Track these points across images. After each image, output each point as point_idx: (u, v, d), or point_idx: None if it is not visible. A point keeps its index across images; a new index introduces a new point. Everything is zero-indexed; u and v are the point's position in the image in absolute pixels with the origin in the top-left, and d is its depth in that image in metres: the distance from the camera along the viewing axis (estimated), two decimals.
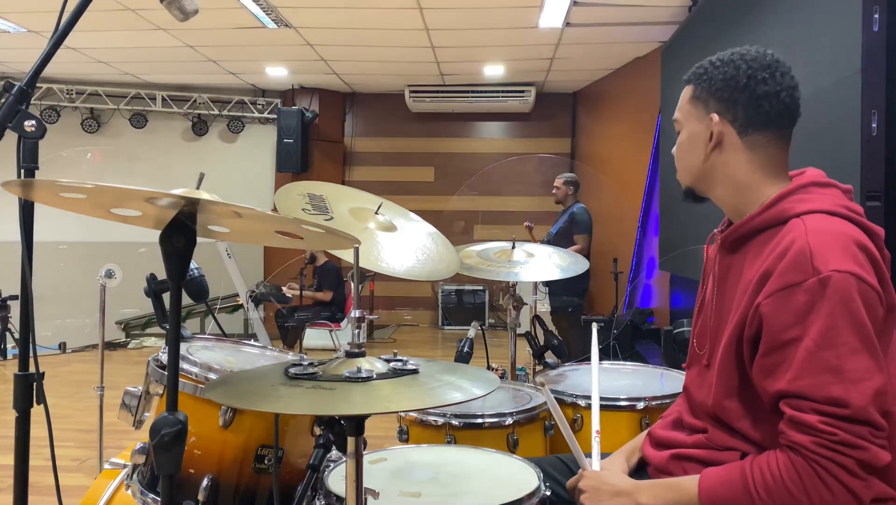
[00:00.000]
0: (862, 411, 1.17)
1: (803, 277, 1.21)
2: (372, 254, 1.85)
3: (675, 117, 1.48)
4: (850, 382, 1.18)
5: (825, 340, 1.19)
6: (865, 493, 1.19)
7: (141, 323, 8.29)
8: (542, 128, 9.21)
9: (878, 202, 2.53)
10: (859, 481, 1.18)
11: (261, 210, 1.08)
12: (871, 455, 1.18)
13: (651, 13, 5.70)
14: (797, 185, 1.35)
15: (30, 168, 1.36)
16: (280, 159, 8.47)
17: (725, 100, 1.38)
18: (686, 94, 1.45)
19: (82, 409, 4.87)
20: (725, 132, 1.39)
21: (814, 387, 1.19)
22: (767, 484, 1.23)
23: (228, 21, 6.03)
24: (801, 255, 1.22)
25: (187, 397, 1.62)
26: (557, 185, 6.11)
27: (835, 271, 1.19)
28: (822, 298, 1.19)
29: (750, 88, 1.37)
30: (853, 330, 1.19)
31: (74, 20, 1.37)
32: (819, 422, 1.18)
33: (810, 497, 1.19)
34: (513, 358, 2.68)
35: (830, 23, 2.85)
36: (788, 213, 1.31)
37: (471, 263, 2.49)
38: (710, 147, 1.40)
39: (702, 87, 1.41)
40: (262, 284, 7.28)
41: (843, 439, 1.17)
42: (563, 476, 1.59)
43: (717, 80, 1.39)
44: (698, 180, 1.46)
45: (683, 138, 1.46)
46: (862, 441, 1.18)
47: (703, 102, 1.41)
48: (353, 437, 1.18)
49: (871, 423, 1.18)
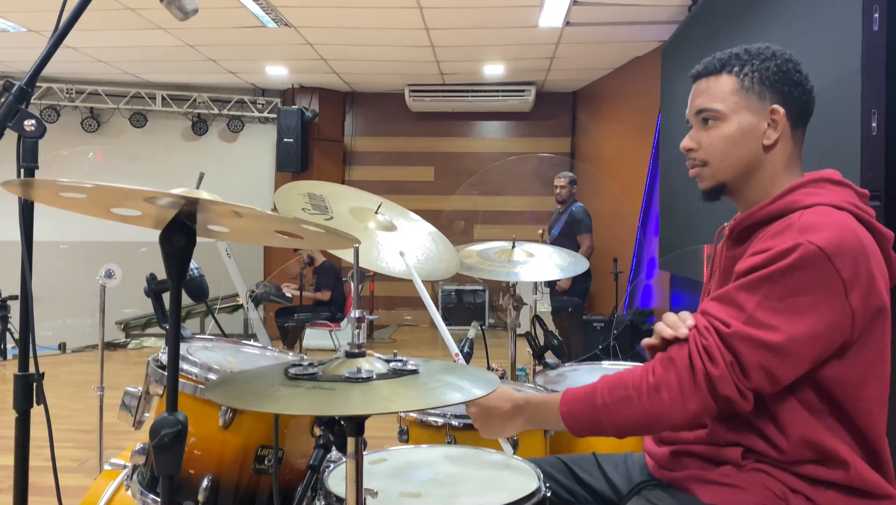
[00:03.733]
0: (737, 340, 1.24)
1: (779, 243, 1.25)
2: (372, 254, 1.85)
3: (715, 107, 1.39)
4: (742, 320, 1.25)
5: (752, 285, 1.25)
6: (692, 401, 1.25)
7: (141, 323, 8.29)
8: (542, 127, 9.21)
9: (878, 202, 2.53)
10: (693, 388, 1.25)
11: (261, 210, 1.08)
12: (719, 374, 1.24)
13: (651, 13, 5.69)
14: (809, 179, 1.36)
15: (30, 167, 1.36)
16: (280, 159, 8.47)
17: (783, 92, 1.37)
18: (727, 84, 1.39)
19: (82, 409, 4.86)
20: (785, 125, 1.38)
21: (715, 307, 1.29)
22: (612, 382, 1.33)
23: (228, 20, 6.03)
24: (788, 227, 1.27)
25: (187, 398, 1.61)
26: (562, 185, 6.10)
27: (807, 241, 1.22)
28: (782, 258, 1.23)
29: (801, 83, 1.38)
30: (783, 292, 1.23)
31: (74, 19, 1.37)
32: (703, 327, 1.27)
33: (637, 386, 1.29)
34: (513, 358, 2.68)
35: (830, 22, 2.85)
36: (796, 206, 1.31)
37: (471, 262, 2.49)
38: (770, 139, 1.37)
39: (751, 78, 1.37)
40: (261, 284, 7.27)
41: (708, 346, 1.25)
42: (563, 476, 1.59)
43: (770, 71, 1.37)
44: (742, 174, 1.40)
45: (731, 130, 1.38)
46: (720, 358, 1.24)
47: (758, 94, 1.37)
48: (353, 437, 1.18)
49: (737, 357, 1.24)
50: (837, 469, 1.27)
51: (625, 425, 1.31)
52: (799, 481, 1.28)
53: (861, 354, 1.27)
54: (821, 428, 1.27)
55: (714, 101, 1.40)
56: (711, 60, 1.42)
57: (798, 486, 1.28)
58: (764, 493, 1.29)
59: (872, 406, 1.29)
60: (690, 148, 1.44)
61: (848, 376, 1.26)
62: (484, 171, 9.23)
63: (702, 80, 1.43)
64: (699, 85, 1.43)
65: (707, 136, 1.41)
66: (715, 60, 1.41)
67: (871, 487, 1.29)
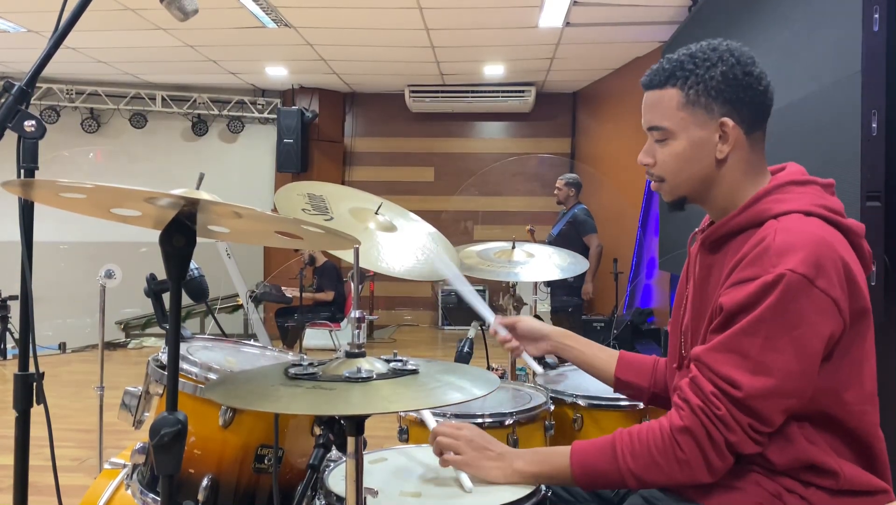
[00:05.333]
0: (750, 400, 1.22)
1: (761, 272, 1.23)
2: (372, 254, 1.85)
3: (663, 126, 1.36)
4: (753, 371, 1.22)
5: (752, 327, 1.22)
6: (719, 468, 1.26)
7: (141, 323, 8.29)
8: (542, 128, 9.21)
9: (877, 202, 2.53)
10: (717, 458, 1.24)
11: (261, 210, 1.08)
12: (738, 440, 1.23)
13: (651, 13, 5.70)
14: (775, 184, 1.34)
15: (30, 168, 1.36)
16: (280, 159, 8.47)
17: (732, 100, 1.31)
18: (672, 99, 1.34)
19: (82, 409, 4.86)
20: (738, 135, 1.33)
21: (719, 362, 1.25)
22: (634, 447, 1.29)
23: (228, 21, 6.03)
24: (765, 251, 1.24)
25: (187, 397, 1.61)
26: (559, 186, 6.15)
27: (789, 271, 1.20)
28: (770, 293, 1.21)
29: (751, 85, 1.32)
30: (783, 328, 1.21)
31: (74, 20, 1.37)
32: (711, 393, 1.24)
33: (666, 458, 1.26)
34: (513, 358, 2.68)
35: (830, 23, 2.85)
36: (766, 215, 1.30)
37: (471, 263, 2.49)
38: (722, 153, 1.33)
39: (696, 91, 1.32)
40: (261, 284, 7.27)
41: (722, 416, 1.23)
42: None
43: (716, 80, 1.31)
44: (700, 187, 1.38)
45: (681, 148, 1.35)
46: (736, 426, 1.23)
47: (704, 107, 1.32)
48: (353, 437, 1.18)
49: (756, 415, 1.22)
50: (827, 478, 1.28)
51: (653, 485, 1.32)
52: (793, 482, 1.29)
53: (846, 358, 1.27)
54: (811, 442, 1.27)
55: (661, 118, 1.36)
56: (658, 70, 1.37)
57: (792, 485, 1.29)
58: (759, 492, 1.29)
59: (863, 406, 1.29)
60: (646, 163, 1.42)
61: (833, 382, 1.26)
62: (484, 171, 9.23)
63: (649, 92, 1.38)
64: (648, 97, 1.39)
65: (661, 152, 1.39)
66: (661, 70, 1.36)
67: (864, 486, 1.29)
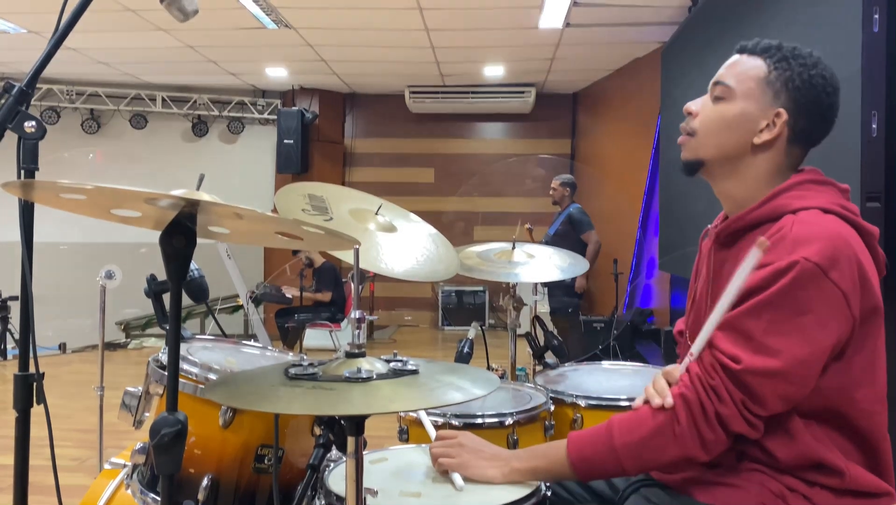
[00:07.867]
0: (747, 375, 1.22)
1: (775, 258, 1.23)
2: (372, 255, 1.85)
3: (730, 83, 1.36)
4: (754, 350, 1.23)
5: (757, 310, 1.23)
6: (711, 442, 1.26)
7: (141, 323, 8.30)
8: (542, 128, 9.21)
9: (877, 203, 2.53)
10: (709, 430, 1.25)
11: (261, 211, 1.08)
12: (729, 414, 1.24)
13: (651, 13, 5.70)
14: (794, 182, 1.34)
15: (30, 169, 1.36)
16: (280, 160, 8.47)
17: (799, 104, 1.33)
18: (755, 68, 1.35)
19: (82, 409, 4.86)
20: (782, 133, 1.34)
21: (723, 339, 1.26)
22: (630, 422, 1.32)
23: (228, 21, 6.03)
24: (782, 240, 1.24)
25: (187, 397, 1.61)
26: (554, 187, 6.24)
27: (804, 259, 1.21)
28: (781, 277, 1.22)
29: (823, 107, 1.34)
30: (789, 313, 1.21)
31: (74, 20, 1.37)
32: (710, 364, 1.26)
33: (660, 428, 1.28)
34: (513, 358, 2.68)
35: (830, 23, 2.85)
36: (783, 210, 1.30)
37: (471, 263, 2.49)
38: (760, 139, 1.34)
39: (779, 74, 1.33)
40: (262, 285, 7.27)
41: (716, 386, 1.25)
42: None
43: (801, 80, 1.32)
44: (723, 160, 1.38)
45: (731, 113, 1.36)
46: (728, 398, 1.24)
47: (775, 91, 1.33)
48: (353, 437, 1.19)
49: (750, 392, 1.23)
50: (832, 477, 1.28)
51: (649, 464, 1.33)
52: (796, 481, 1.29)
53: (858, 355, 1.27)
54: (817, 439, 1.27)
55: (733, 78, 1.37)
56: (759, 42, 1.38)
57: (795, 485, 1.28)
58: (762, 491, 1.29)
59: (872, 406, 1.29)
60: (690, 112, 1.42)
61: (845, 380, 1.26)
62: (484, 172, 9.23)
63: (739, 55, 1.39)
64: (735, 58, 1.40)
65: (710, 108, 1.39)
66: (761, 43, 1.37)
67: (869, 488, 1.29)
